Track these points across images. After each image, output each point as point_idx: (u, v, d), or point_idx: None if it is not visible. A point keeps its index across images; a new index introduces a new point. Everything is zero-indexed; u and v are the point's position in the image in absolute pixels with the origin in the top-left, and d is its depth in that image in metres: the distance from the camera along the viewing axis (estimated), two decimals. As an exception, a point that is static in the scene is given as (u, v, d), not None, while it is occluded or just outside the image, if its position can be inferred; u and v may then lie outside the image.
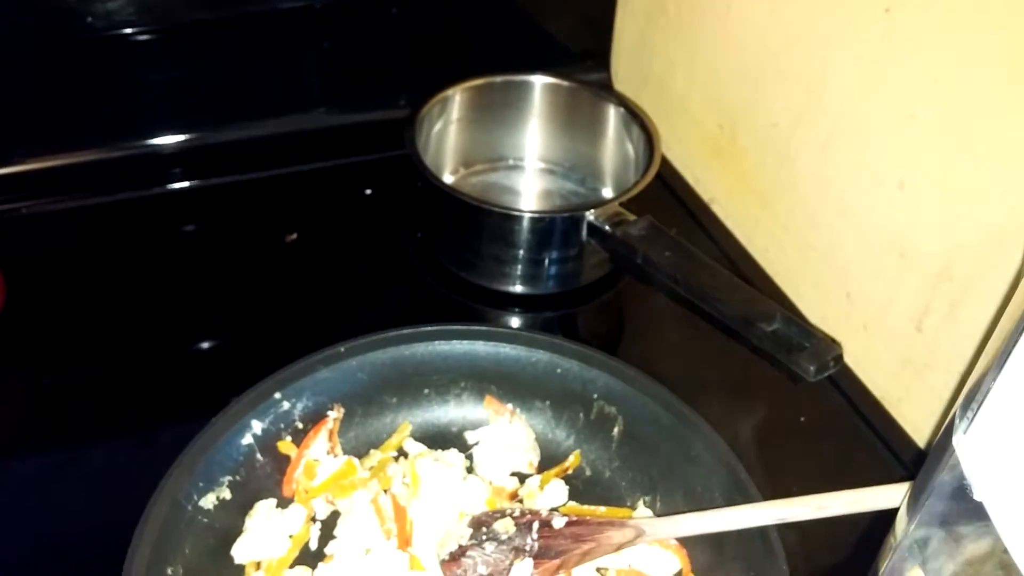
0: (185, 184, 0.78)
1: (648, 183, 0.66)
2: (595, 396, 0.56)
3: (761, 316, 0.53)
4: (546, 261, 0.67)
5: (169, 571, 0.44)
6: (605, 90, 0.75)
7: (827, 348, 0.51)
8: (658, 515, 0.52)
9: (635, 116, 0.70)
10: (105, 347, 0.65)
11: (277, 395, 0.53)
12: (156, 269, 0.71)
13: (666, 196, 0.80)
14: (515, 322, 0.69)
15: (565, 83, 0.74)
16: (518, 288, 0.68)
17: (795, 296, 0.70)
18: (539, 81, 0.74)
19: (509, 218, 0.64)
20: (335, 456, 0.54)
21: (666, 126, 0.77)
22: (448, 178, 0.77)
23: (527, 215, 0.64)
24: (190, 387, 0.62)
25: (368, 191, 0.78)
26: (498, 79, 0.74)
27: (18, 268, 0.66)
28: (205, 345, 0.66)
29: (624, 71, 0.90)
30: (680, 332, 0.66)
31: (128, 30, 0.72)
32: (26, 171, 0.75)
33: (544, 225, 0.65)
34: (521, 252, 0.66)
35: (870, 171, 0.61)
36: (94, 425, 0.60)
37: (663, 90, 0.84)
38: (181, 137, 0.78)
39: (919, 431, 0.61)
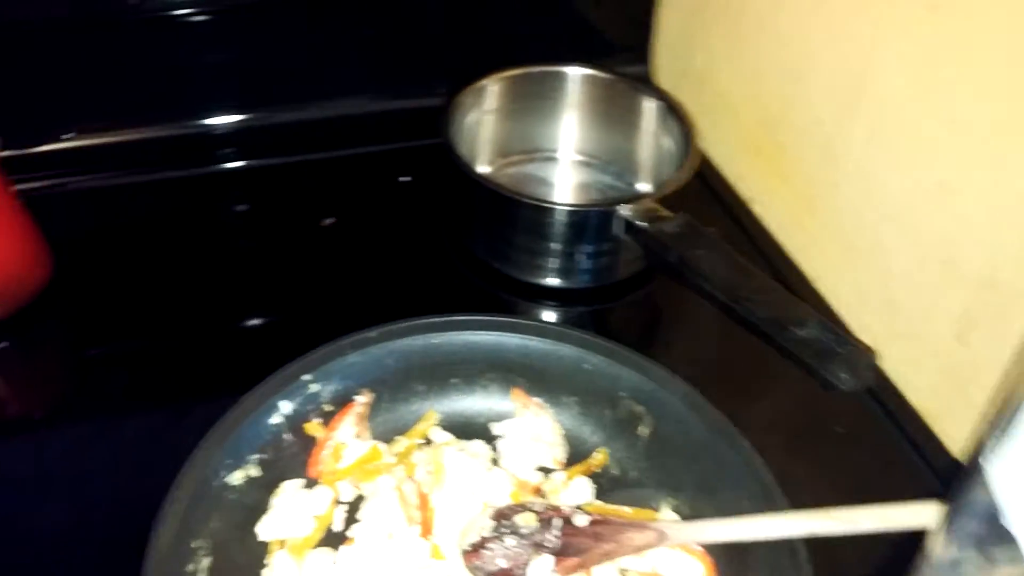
0: (228, 165, 0.79)
1: (686, 180, 0.65)
2: (623, 394, 0.55)
3: (794, 320, 0.52)
4: (579, 255, 0.66)
5: (194, 544, 0.45)
6: (644, 83, 0.74)
7: (862, 356, 0.50)
8: (684, 518, 0.52)
9: (673, 110, 0.69)
10: (145, 322, 0.66)
11: (306, 377, 0.53)
12: (197, 247, 0.72)
13: (705, 193, 0.79)
14: (546, 315, 0.68)
15: (603, 75, 0.73)
16: (550, 281, 0.68)
17: (835, 301, 0.69)
18: (576, 73, 0.73)
19: (542, 210, 0.64)
20: (362, 440, 0.54)
21: (707, 122, 0.77)
22: (483, 168, 0.77)
23: (560, 208, 0.64)
24: (224, 364, 0.63)
25: (404, 178, 0.78)
26: (535, 69, 0.73)
27: (66, 243, 0.67)
28: (240, 323, 0.67)
29: (664, 65, 0.89)
30: (713, 332, 0.65)
31: (180, 11, 0.73)
32: (76, 147, 0.76)
33: (578, 218, 0.64)
34: (554, 245, 0.65)
35: (913, 172, 0.60)
36: (131, 397, 0.61)
37: (704, 85, 0.83)
38: (229, 118, 0.79)
39: (958, 445, 0.59)
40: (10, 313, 0.61)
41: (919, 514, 0.45)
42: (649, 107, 0.72)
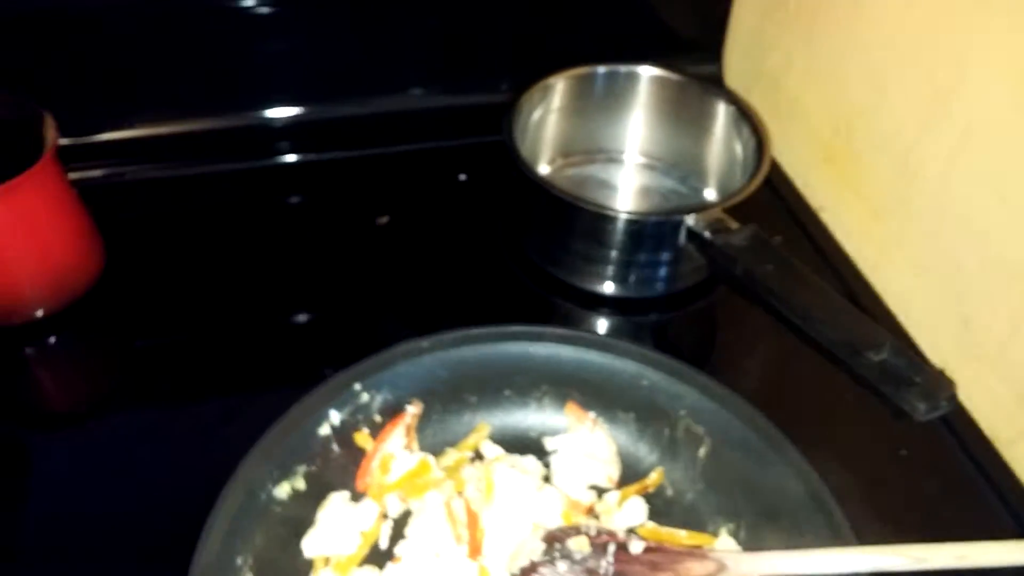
0: (286, 158, 0.79)
1: (755, 190, 0.62)
2: (682, 413, 0.53)
3: (868, 343, 0.49)
4: (640, 263, 0.64)
5: (239, 561, 0.44)
6: (715, 86, 0.71)
7: (940, 385, 0.47)
8: (742, 545, 0.50)
9: (746, 115, 0.67)
10: (196, 317, 0.66)
11: (357, 386, 0.52)
12: (251, 241, 0.72)
13: (772, 200, 0.76)
14: (602, 323, 0.66)
15: (673, 76, 0.71)
16: (607, 288, 0.66)
17: (904, 318, 0.65)
18: (646, 73, 0.71)
19: (604, 217, 0.62)
20: (411, 452, 0.53)
21: (777, 126, 0.73)
22: (544, 168, 0.75)
23: (623, 216, 0.61)
24: (274, 363, 0.63)
25: (462, 176, 0.77)
26: (602, 69, 0.71)
27: (120, 232, 0.67)
28: (291, 321, 0.66)
29: (736, 66, 0.86)
30: (777, 349, 0.63)
31: (243, 2, 0.72)
32: (133, 137, 0.76)
33: (640, 227, 0.62)
34: (614, 252, 0.63)
35: (1001, 193, 0.56)
36: (180, 395, 0.61)
37: (776, 88, 0.79)
38: (288, 111, 0.79)
39: (1035, 476, 0.56)
40: (64, 306, 0.61)
41: (997, 553, 0.43)
42: (720, 111, 0.69)
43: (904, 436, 0.57)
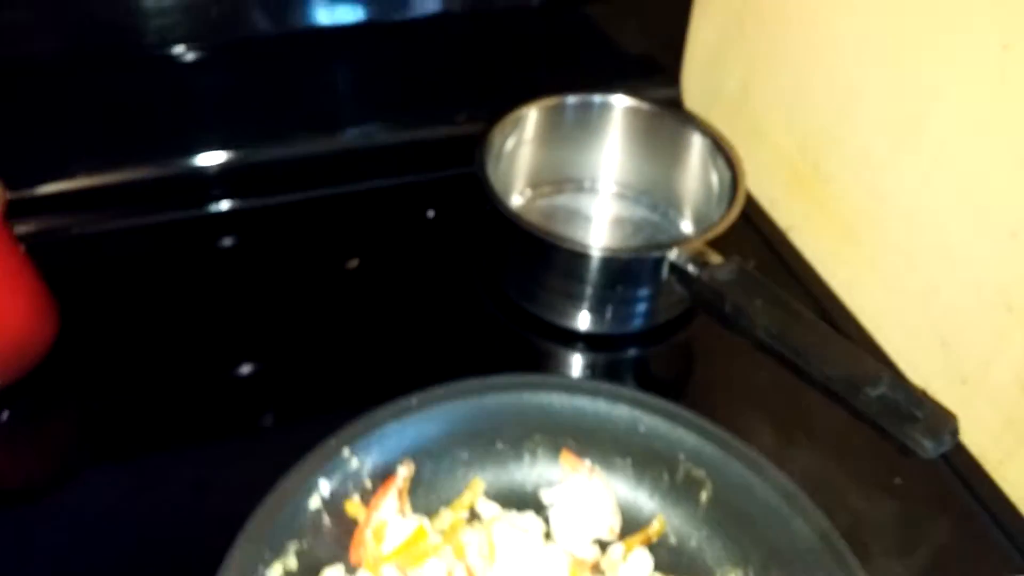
0: (246, 203, 0.75)
1: (734, 220, 0.61)
2: (681, 457, 0.52)
3: (867, 379, 0.49)
4: (620, 299, 0.63)
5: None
6: (687, 116, 0.70)
7: (942, 420, 0.47)
8: (751, 591, 0.49)
9: (719, 146, 0.66)
10: (155, 377, 0.62)
11: (346, 452, 0.49)
12: (213, 292, 0.68)
13: (740, 222, 0.76)
14: (583, 361, 0.65)
15: (645, 106, 0.70)
16: (588, 325, 0.64)
17: (882, 339, 0.66)
18: (618, 103, 0.70)
19: (584, 255, 0.60)
20: (404, 516, 0.51)
21: (740, 146, 0.73)
22: (516, 199, 0.73)
23: (604, 253, 0.60)
24: (244, 419, 0.60)
25: (431, 213, 0.75)
26: (573, 99, 0.70)
27: (67, 290, 0.62)
28: (261, 375, 0.63)
29: (694, 88, 0.85)
30: (761, 379, 0.62)
31: (179, 48, 0.69)
32: (71, 190, 0.72)
33: (622, 263, 0.61)
34: (595, 289, 0.62)
35: (976, 216, 0.56)
36: (147, 458, 0.57)
37: (737, 110, 0.79)
38: (246, 153, 0.75)
39: (1023, 496, 0.56)
40: (20, 376, 0.57)
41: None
42: (693, 141, 0.69)
43: (894, 460, 0.57)
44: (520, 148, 0.70)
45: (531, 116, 0.69)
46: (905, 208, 0.62)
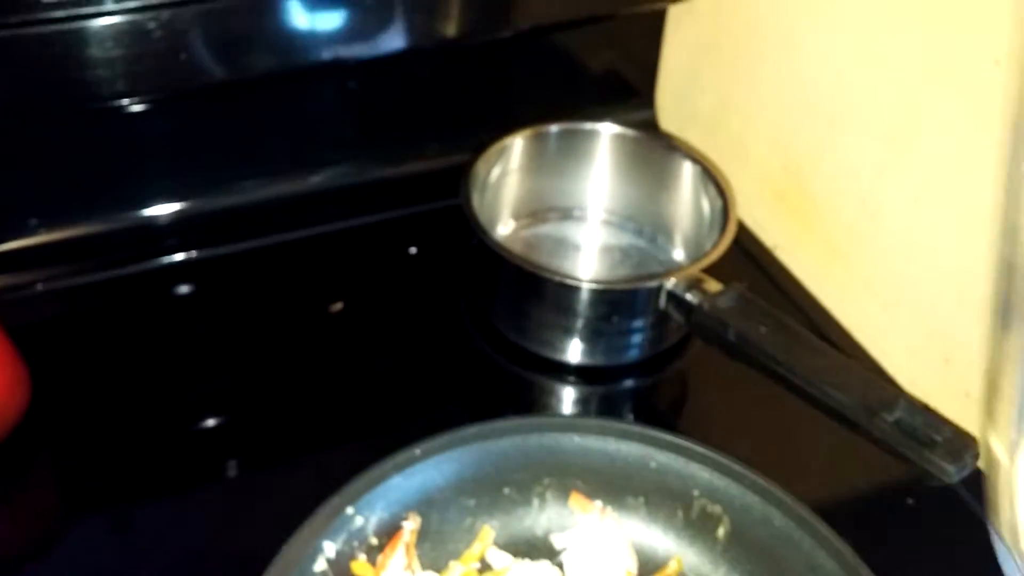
0: (220, 250, 0.72)
1: (727, 245, 0.61)
2: (696, 493, 0.50)
3: (880, 403, 0.48)
4: (616, 331, 0.62)
5: None
6: (675, 142, 0.69)
7: (963, 443, 0.46)
8: (776, 629, 0.47)
9: (708, 172, 0.65)
10: (132, 438, 0.59)
11: (349, 510, 0.47)
12: (189, 343, 0.65)
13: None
14: (576, 394, 0.64)
15: (632, 133, 0.69)
16: (583, 358, 0.63)
17: (881, 356, 0.65)
18: (605, 131, 0.69)
19: (578, 289, 0.59)
20: (414, 573, 0.48)
21: (720, 166, 0.72)
22: (502, 230, 0.71)
23: (601, 287, 0.59)
24: (243, 481, 0.58)
25: (412, 249, 0.73)
26: (557, 127, 0.68)
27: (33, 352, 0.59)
28: (247, 427, 0.61)
29: (668, 108, 0.85)
30: (763, 406, 0.61)
31: (138, 97, 0.65)
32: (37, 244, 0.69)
33: (618, 295, 0.59)
34: (588, 322, 0.61)
35: (974, 236, 0.56)
36: (126, 516, 0.55)
37: (714, 129, 0.79)
38: (205, 201, 0.72)
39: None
40: None
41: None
42: (681, 167, 0.68)
43: (905, 479, 0.57)
44: (504, 178, 0.69)
45: (515, 146, 0.68)
46: (897, 225, 0.62)
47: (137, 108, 0.65)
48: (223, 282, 0.71)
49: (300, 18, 0.64)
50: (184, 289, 0.70)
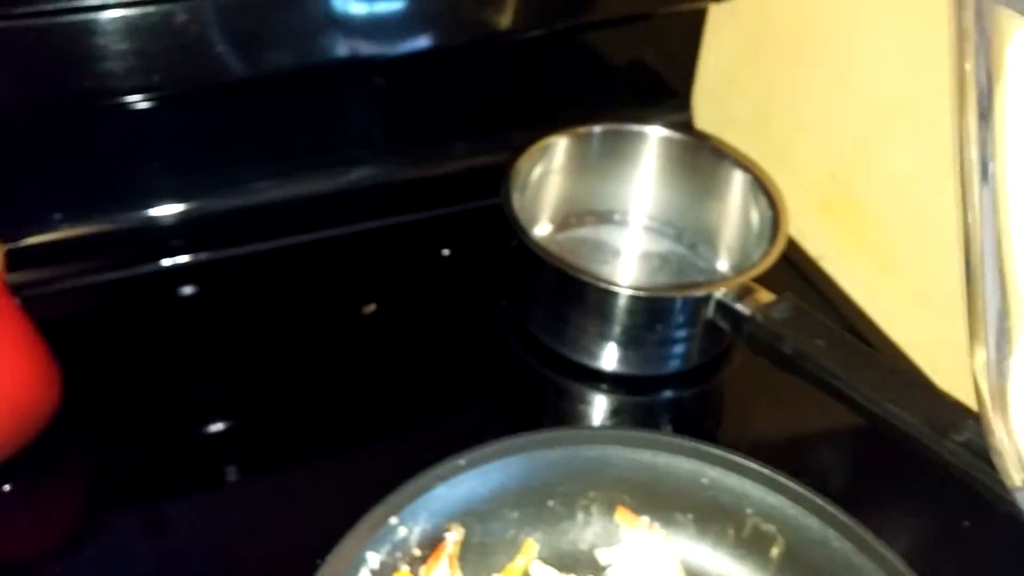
0: (253, 247, 0.70)
1: (778, 254, 0.59)
2: (749, 511, 0.49)
3: (948, 424, 0.46)
4: (658, 340, 0.60)
5: None
6: (722, 148, 0.67)
7: (1035, 465, 0.44)
8: (834, 656, 0.46)
9: (757, 180, 0.63)
10: (163, 438, 0.58)
11: (393, 520, 0.45)
12: (220, 344, 0.64)
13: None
14: (614, 403, 0.62)
15: (677, 136, 0.67)
16: (622, 367, 0.61)
17: (932, 374, 0.63)
18: (653, 133, 0.67)
19: (623, 296, 0.57)
20: (455, 586, 0.47)
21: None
22: (540, 231, 0.70)
23: (647, 294, 0.57)
24: (267, 477, 0.56)
25: (445, 251, 0.71)
26: (600, 128, 0.67)
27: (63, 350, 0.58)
28: (280, 429, 0.59)
29: (705, 111, 0.83)
30: (809, 421, 0.60)
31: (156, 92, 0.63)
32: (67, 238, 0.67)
33: (665, 304, 0.58)
34: (630, 329, 0.59)
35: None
36: (157, 513, 0.53)
37: (755, 133, 0.77)
38: (234, 200, 0.70)
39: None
40: (26, 446, 0.52)
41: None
42: (728, 174, 0.66)
43: (963, 507, 0.55)
44: (545, 179, 0.67)
45: (557, 146, 0.66)
46: (956, 237, 0.60)
47: (161, 105, 0.64)
48: (254, 280, 0.69)
49: (326, 14, 0.62)
50: (214, 287, 0.68)
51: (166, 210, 0.68)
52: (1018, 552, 0.54)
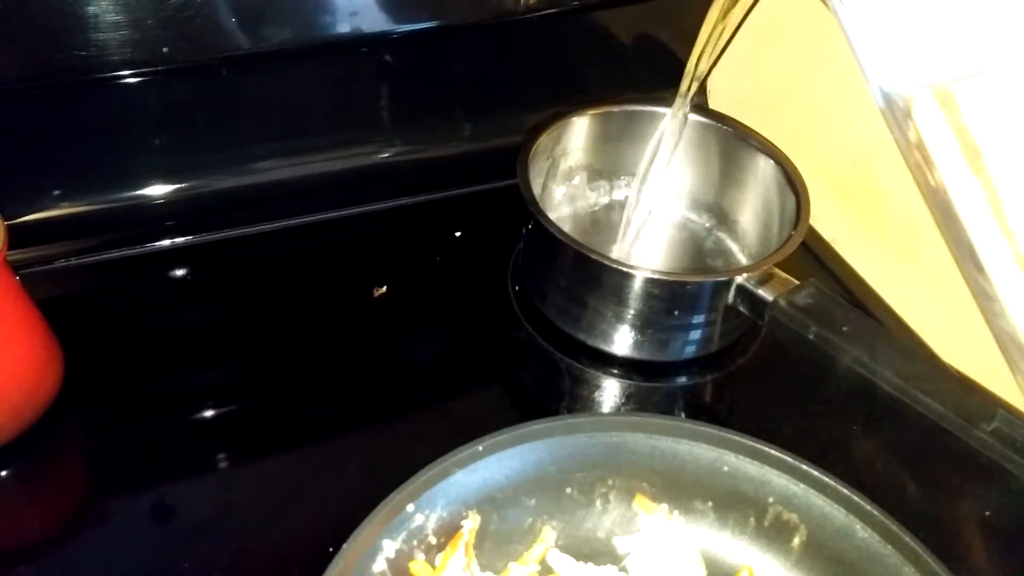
0: (265, 226, 0.69)
1: (800, 239, 0.58)
2: (771, 500, 0.48)
3: (979, 413, 0.45)
4: (676, 325, 0.59)
5: None
6: (745, 132, 0.66)
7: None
8: (857, 647, 0.45)
9: (781, 165, 0.62)
10: (170, 420, 0.57)
11: (410, 508, 0.44)
12: (226, 326, 0.63)
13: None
14: (629, 389, 0.61)
15: (699, 118, 0.65)
16: (638, 352, 0.60)
17: (951, 360, 0.62)
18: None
19: (643, 280, 0.56)
20: (471, 574, 0.46)
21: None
22: (557, 212, 0.68)
23: (668, 279, 0.56)
24: (280, 462, 0.55)
25: (457, 233, 0.70)
26: (618, 108, 0.65)
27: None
28: (294, 414, 0.58)
29: (720, 92, 0.81)
30: (828, 409, 0.58)
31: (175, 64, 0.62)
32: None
33: (686, 289, 0.56)
34: (648, 314, 0.58)
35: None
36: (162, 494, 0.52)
37: (771, 115, 0.75)
38: (266, 175, 0.69)
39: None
40: (27, 428, 0.51)
41: None
42: (751, 158, 0.65)
43: (985, 496, 0.54)
44: (562, 159, 0.66)
45: (576, 125, 0.65)
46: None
47: (164, 81, 0.62)
48: (264, 261, 0.68)
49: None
50: (222, 268, 0.67)
51: (169, 189, 0.67)
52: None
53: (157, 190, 0.66)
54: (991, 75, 0.33)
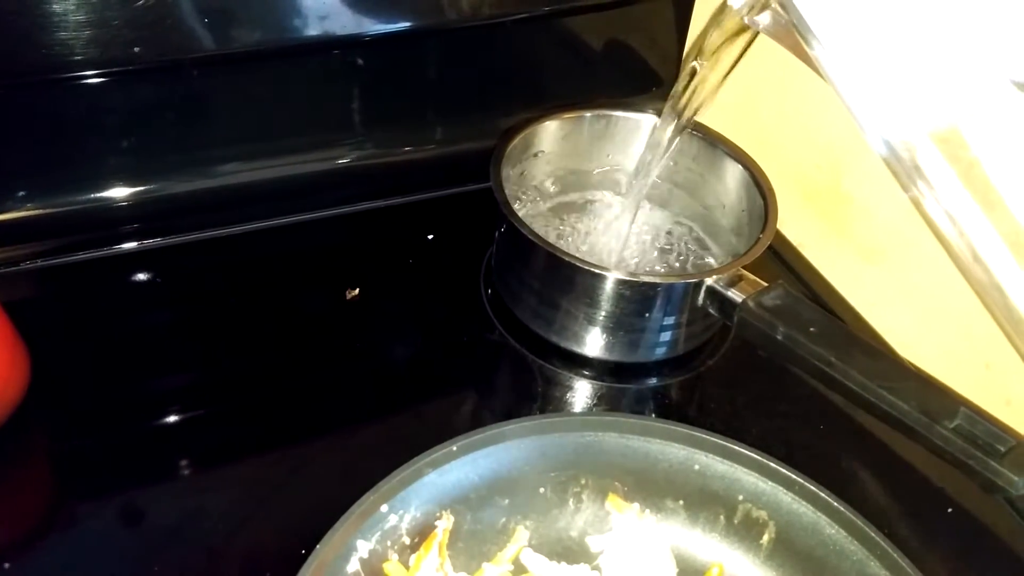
0: (238, 228, 0.69)
1: (768, 241, 0.58)
2: (740, 498, 0.48)
3: (941, 412, 0.46)
4: (648, 327, 0.59)
5: None
6: (713, 136, 0.67)
7: (1026, 452, 0.45)
8: (825, 643, 0.46)
9: (748, 169, 0.63)
10: (139, 423, 0.56)
11: (384, 508, 0.44)
12: (196, 328, 0.62)
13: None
14: (601, 390, 0.61)
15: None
16: (609, 354, 0.61)
17: (914, 359, 0.63)
18: (637, 118, 0.66)
19: (614, 282, 0.56)
20: (445, 574, 0.46)
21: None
22: (530, 215, 0.69)
23: (639, 281, 0.56)
24: (253, 465, 0.54)
25: (430, 236, 0.70)
26: (589, 113, 0.66)
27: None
28: (268, 420, 0.58)
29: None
30: (797, 409, 0.60)
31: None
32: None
33: (657, 291, 0.57)
34: (619, 316, 0.58)
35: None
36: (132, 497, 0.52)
37: (740, 120, 0.76)
38: (240, 176, 0.68)
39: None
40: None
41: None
42: (719, 161, 0.66)
43: (947, 494, 0.55)
44: (533, 163, 0.66)
45: (547, 130, 0.65)
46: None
47: (132, 82, 0.61)
48: (236, 265, 0.67)
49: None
50: (192, 270, 0.67)
51: (137, 190, 0.66)
52: (1002, 535, 0.54)
53: (125, 192, 0.66)
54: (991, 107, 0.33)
